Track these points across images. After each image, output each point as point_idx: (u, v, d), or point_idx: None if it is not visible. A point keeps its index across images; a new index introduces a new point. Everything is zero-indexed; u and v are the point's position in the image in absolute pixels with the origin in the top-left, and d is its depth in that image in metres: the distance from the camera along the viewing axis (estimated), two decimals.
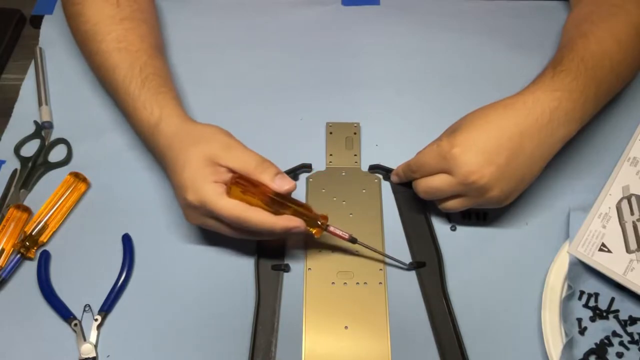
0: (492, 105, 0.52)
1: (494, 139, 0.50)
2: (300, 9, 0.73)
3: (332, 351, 0.51)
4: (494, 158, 0.49)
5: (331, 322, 0.53)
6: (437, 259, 0.56)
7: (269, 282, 0.55)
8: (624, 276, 0.53)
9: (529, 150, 0.50)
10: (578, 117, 0.52)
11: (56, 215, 0.59)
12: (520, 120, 0.50)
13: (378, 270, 0.55)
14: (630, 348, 0.51)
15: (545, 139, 0.51)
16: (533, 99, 0.51)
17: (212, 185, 0.49)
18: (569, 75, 0.53)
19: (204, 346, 0.52)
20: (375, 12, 0.73)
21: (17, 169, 0.62)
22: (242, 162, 0.50)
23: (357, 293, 0.54)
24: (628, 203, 0.57)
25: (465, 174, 0.50)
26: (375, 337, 0.52)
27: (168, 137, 0.53)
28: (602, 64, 0.54)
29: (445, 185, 0.52)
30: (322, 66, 0.69)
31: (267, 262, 0.56)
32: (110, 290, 0.54)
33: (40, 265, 0.56)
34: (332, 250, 0.56)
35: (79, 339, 0.52)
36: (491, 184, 0.50)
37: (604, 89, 0.55)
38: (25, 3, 0.76)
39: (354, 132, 0.63)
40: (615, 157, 0.60)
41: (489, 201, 0.52)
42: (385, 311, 0.53)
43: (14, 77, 0.71)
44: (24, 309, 0.54)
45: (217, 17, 0.73)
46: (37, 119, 0.65)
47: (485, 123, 0.51)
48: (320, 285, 0.55)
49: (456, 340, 0.51)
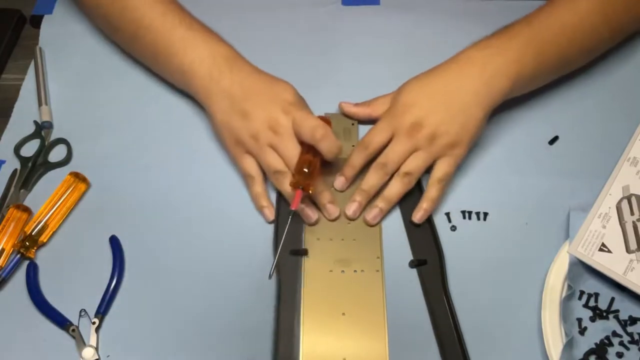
0: (430, 69, 0.60)
1: (432, 84, 0.58)
2: (300, 9, 0.73)
3: (329, 337, 0.52)
4: (431, 94, 0.57)
5: (328, 309, 0.53)
6: (438, 257, 0.56)
7: (289, 268, 0.55)
8: (624, 276, 0.53)
9: (465, 97, 0.56)
10: (513, 73, 0.57)
11: (56, 215, 0.59)
12: (454, 72, 0.58)
13: (375, 258, 0.56)
14: (630, 348, 0.51)
15: (481, 88, 0.56)
16: (465, 57, 0.58)
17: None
18: (506, 35, 0.58)
19: (206, 341, 0.53)
20: (375, 12, 0.73)
21: (17, 169, 0.62)
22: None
23: (355, 280, 0.54)
24: (628, 203, 0.57)
25: (404, 104, 0.57)
26: (372, 324, 0.52)
27: (237, 70, 0.59)
28: (550, 27, 0.58)
29: (392, 129, 0.57)
30: (322, 66, 0.69)
31: (286, 248, 0.56)
32: (104, 292, 0.55)
33: (29, 278, 0.55)
34: (330, 239, 0.57)
35: (79, 343, 0.52)
36: (432, 119, 0.55)
37: (552, 50, 0.58)
38: (25, 3, 0.76)
39: (352, 123, 0.64)
40: (615, 157, 0.60)
41: (440, 147, 0.56)
42: (383, 299, 0.54)
43: (14, 77, 0.71)
44: (24, 309, 0.54)
45: (217, 17, 0.73)
46: (37, 119, 0.65)
47: (423, 77, 0.59)
48: (317, 273, 0.55)
49: (457, 340, 0.51)
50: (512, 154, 0.62)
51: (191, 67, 0.59)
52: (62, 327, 0.53)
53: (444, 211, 0.59)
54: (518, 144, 0.63)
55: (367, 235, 0.57)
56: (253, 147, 0.57)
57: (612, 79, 0.67)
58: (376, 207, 0.57)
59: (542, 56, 0.58)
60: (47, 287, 0.56)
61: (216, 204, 0.60)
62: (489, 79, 0.56)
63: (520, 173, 0.61)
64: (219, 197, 0.60)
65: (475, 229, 0.58)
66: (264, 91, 0.58)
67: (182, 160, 0.63)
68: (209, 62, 0.59)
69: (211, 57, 0.59)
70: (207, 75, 0.59)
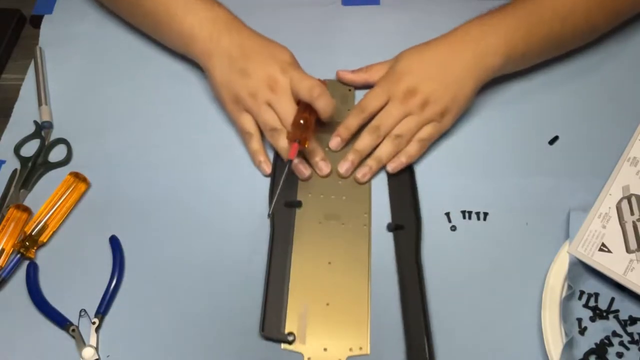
0: (426, 41, 0.62)
1: (428, 55, 0.60)
2: (300, 9, 0.73)
3: (315, 284, 0.54)
4: (427, 64, 0.60)
5: (316, 257, 0.56)
6: (415, 224, 0.57)
7: (283, 218, 0.58)
8: (624, 276, 0.53)
9: (458, 70, 0.59)
10: (503, 51, 0.59)
11: (56, 215, 0.59)
12: (450, 46, 0.60)
13: (363, 214, 0.58)
14: (630, 348, 0.51)
15: (473, 63, 0.59)
16: (460, 33, 0.61)
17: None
18: (500, 14, 0.61)
19: (206, 341, 0.53)
20: (375, 12, 0.73)
21: (17, 169, 0.62)
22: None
23: (342, 233, 0.57)
24: (628, 203, 0.57)
25: (400, 72, 0.60)
26: (356, 273, 0.55)
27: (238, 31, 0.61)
28: (544, 9, 0.60)
29: (387, 94, 0.59)
30: (322, 66, 0.69)
31: (280, 200, 0.58)
32: (104, 292, 0.55)
33: (29, 278, 0.55)
34: (321, 194, 0.59)
35: (79, 343, 0.52)
36: (426, 87, 0.58)
37: (544, 32, 0.60)
38: (25, 3, 0.76)
39: (349, 89, 0.67)
40: (615, 157, 0.60)
41: (431, 113, 0.58)
42: (368, 251, 0.56)
43: (14, 77, 0.71)
44: (24, 309, 0.54)
45: None
46: (37, 119, 0.65)
47: (419, 48, 0.62)
48: (307, 225, 0.58)
49: (421, 305, 0.53)
50: (512, 154, 0.62)
51: (192, 31, 0.62)
52: (62, 327, 0.53)
53: (444, 211, 0.59)
54: (518, 144, 0.63)
55: (357, 193, 0.60)
56: (251, 104, 0.59)
57: (612, 78, 0.67)
58: (366, 165, 0.60)
59: (533, 37, 0.60)
60: (47, 287, 0.56)
61: (216, 205, 0.60)
62: (480, 55, 0.59)
63: (520, 173, 0.61)
64: (219, 198, 0.60)
65: (475, 229, 0.58)
66: (263, 51, 0.61)
67: (183, 160, 0.63)
68: (209, 25, 0.61)
69: (210, 21, 0.62)
70: (208, 37, 0.61)
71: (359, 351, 0.52)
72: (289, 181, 0.59)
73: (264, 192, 0.60)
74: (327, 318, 0.53)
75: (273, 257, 0.56)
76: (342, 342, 0.52)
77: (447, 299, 0.54)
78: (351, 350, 0.52)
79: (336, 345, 0.52)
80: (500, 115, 0.64)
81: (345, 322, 0.53)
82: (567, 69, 0.67)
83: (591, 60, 0.68)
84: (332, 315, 0.53)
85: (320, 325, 0.53)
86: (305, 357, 0.51)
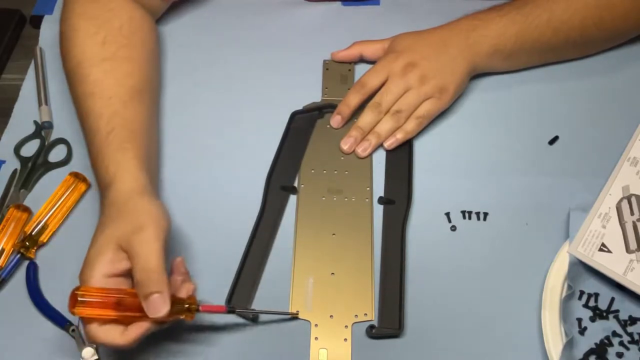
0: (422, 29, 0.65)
1: (424, 37, 0.64)
2: (300, 9, 0.73)
3: (319, 254, 0.56)
4: (422, 45, 0.63)
5: (320, 229, 0.58)
6: (407, 200, 0.59)
7: (276, 201, 0.59)
8: (624, 276, 0.53)
9: (452, 50, 0.62)
10: (491, 46, 0.62)
11: (56, 215, 0.59)
12: (443, 33, 0.63)
13: (366, 188, 0.60)
14: (630, 348, 0.51)
15: (465, 45, 0.62)
16: (454, 24, 0.64)
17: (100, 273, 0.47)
18: (495, 12, 0.63)
19: (206, 341, 0.53)
20: (375, 12, 0.73)
21: (17, 169, 0.62)
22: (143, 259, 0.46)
23: (345, 206, 0.59)
24: (628, 203, 0.57)
25: (399, 51, 0.62)
26: (359, 244, 0.57)
27: (109, 204, 0.50)
28: (538, 15, 0.62)
29: (386, 72, 0.61)
30: (322, 66, 0.69)
31: (277, 181, 0.60)
32: None
33: (29, 278, 0.55)
34: (324, 170, 0.61)
35: (79, 343, 0.52)
36: (424, 62, 0.61)
37: (534, 36, 0.62)
38: (25, 3, 0.76)
39: (348, 69, 0.68)
40: (615, 157, 0.60)
41: (430, 87, 0.60)
42: (370, 222, 0.58)
43: (14, 77, 0.71)
44: (24, 309, 0.54)
45: (217, 16, 0.73)
46: (37, 119, 0.65)
47: (416, 32, 0.65)
48: (311, 199, 0.60)
49: (399, 282, 0.54)
50: (512, 154, 0.62)
51: (110, 184, 0.52)
52: (62, 327, 0.53)
53: (444, 211, 0.59)
54: (518, 144, 0.63)
55: (358, 168, 0.61)
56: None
57: (612, 79, 0.67)
58: (367, 140, 0.62)
59: (522, 39, 0.62)
60: (47, 287, 0.56)
61: (216, 205, 0.60)
62: (471, 43, 0.62)
63: (520, 173, 0.61)
64: (219, 198, 0.60)
65: (475, 229, 0.58)
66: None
67: (182, 159, 0.63)
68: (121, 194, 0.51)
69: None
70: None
71: (364, 317, 0.53)
72: (290, 161, 0.61)
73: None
74: (333, 287, 0.55)
75: (256, 237, 0.57)
76: (347, 310, 0.54)
77: (447, 299, 0.54)
78: (356, 317, 0.53)
79: (342, 313, 0.54)
80: (500, 115, 0.65)
81: (349, 291, 0.55)
82: (568, 69, 0.67)
83: (591, 60, 0.68)
84: (337, 284, 0.55)
85: (326, 294, 0.55)
86: (313, 323, 0.53)
